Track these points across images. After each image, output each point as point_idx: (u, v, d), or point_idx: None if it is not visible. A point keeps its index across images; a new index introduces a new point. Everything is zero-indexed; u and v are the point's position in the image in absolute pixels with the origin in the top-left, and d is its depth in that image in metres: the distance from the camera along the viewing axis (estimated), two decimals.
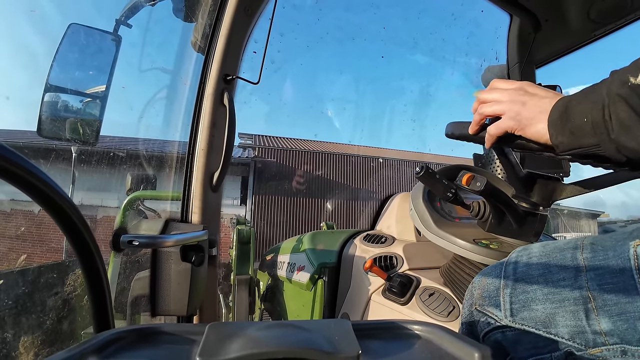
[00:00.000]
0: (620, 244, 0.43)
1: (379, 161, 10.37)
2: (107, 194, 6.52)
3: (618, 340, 0.40)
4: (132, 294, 0.85)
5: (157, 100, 1.33)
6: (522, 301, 0.49)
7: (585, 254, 0.46)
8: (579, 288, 0.44)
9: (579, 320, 0.43)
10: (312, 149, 10.05)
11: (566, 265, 0.47)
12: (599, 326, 0.42)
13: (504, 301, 0.51)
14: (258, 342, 0.30)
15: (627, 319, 0.40)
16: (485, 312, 0.54)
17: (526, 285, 0.50)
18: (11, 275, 3.03)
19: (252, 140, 10.22)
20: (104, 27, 0.92)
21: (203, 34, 0.94)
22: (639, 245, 0.40)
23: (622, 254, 0.42)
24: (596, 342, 0.42)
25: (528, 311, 0.48)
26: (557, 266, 0.48)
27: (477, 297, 0.56)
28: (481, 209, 0.79)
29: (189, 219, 0.88)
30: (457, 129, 0.72)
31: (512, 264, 0.54)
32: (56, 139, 0.86)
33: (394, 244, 1.13)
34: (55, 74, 0.83)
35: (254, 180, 8.91)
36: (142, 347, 0.33)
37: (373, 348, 0.33)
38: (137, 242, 0.67)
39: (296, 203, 9.29)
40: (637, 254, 0.40)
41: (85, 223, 0.36)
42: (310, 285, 1.23)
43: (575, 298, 0.44)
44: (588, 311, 0.43)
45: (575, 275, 0.45)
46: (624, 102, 0.42)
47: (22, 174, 0.29)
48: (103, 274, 0.39)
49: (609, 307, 0.41)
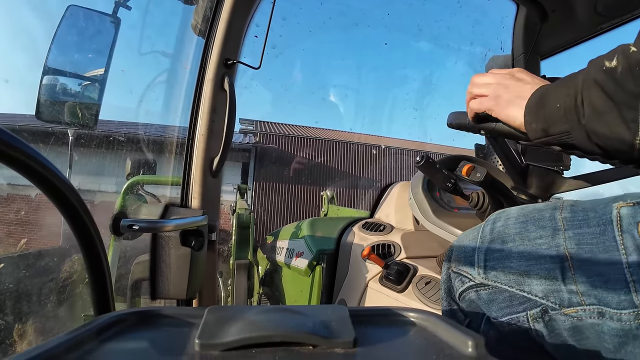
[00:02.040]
0: (602, 206, 0.42)
1: (381, 148, 10.31)
2: (105, 178, 6.50)
3: (595, 301, 0.39)
4: (132, 278, 0.86)
5: (156, 84, 1.32)
6: (496, 259, 0.48)
7: (565, 214, 0.45)
8: (556, 247, 0.43)
9: (554, 279, 0.42)
10: (313, 136, 9.98)
11: (544, 224, 0.46)
12: (575, 285, 0.41)
13: (478, 259, 0.50)
14: (256, 326, 0.30)
15: (606, 280, 0.38)
16: (460, 272, 0.53)
17: (501, 244, 0.48)
18: (13, 260, 3.06)
19: (253, 125, 10.12)
20: (102, 9, 0.90)
21: (204, 17, 0.93)
22: (622, 207, 0.39)
23: (603, 215, 0.41)
24: (571, 301, 0.41)
25: (502, 269, 0.47)
26: (534, 225, 0.47)
27: (453, 259, 0.56)
28: (480, 200, 0.80)
29: (189, 204, 0.88)
30: (459, 119, 0.72)
31: (489, 224, 0.52)
32: (55, 122, 0.86)
33: (392, 233, 1.14)
34: (54, 56, 0.82)
35: (254, 167, 8.87)
36: (142, 330, 0.33)
37: (368, 334, 0.33)
38: (137, 227, 0.68)
39: (297, 190, 9.27)
40: (620, 215, 0.39)
41: (86, 207, 0.36)
42: (308, 271, 1.24)
43: (552, 256, 0.43)
44: (564, 270, 0.42)
45: (553, 234, 0.44)
46: (599, 87, 0.41)
47: (23, 158, 0.29)
48: (103, 258, 0.39)
49: (587, 267, 0.40)
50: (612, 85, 0.40)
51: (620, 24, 1.16)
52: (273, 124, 10.97)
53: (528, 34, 1.34)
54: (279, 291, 1.56)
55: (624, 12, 1.13)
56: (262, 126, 10.34)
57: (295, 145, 9.57)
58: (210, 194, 0.90)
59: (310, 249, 1.26)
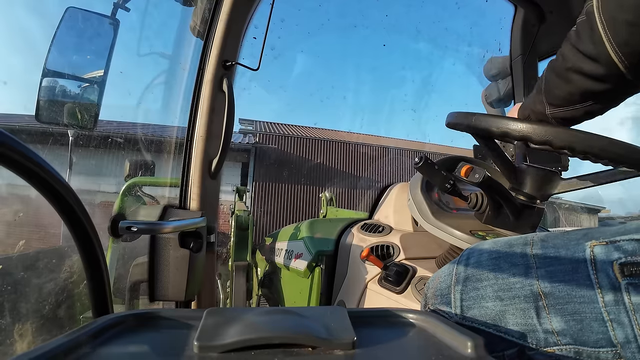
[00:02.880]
0: (574, 243, 0.43)
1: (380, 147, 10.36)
2: (106, 178, 6.51)
3: (571, 340, 0.39)
4: (131, 280, 0.86)
5: (155, 85, 1.32)
6: (472, 298, 0.48)
7: (536, 250, 0.46)
8: (530, 285, 0.43)
9: (530, 318, 0.42)
10: (313, 136, 9.98)
11: (516, 261, 0.46)
12: (550, 325, 0.41)
13: (454, 299, 0.50)
14: (255, 327, 0.30)
15: (581, 319, 0.39)
16: (437, 310, 0.53)
17: (476, 282, 0.49)
18: (11, 261, 3.05)
19: (252, 126, 10.13)
20: (101, 11, 0.90)
21: (202, 19, 0.93)
22: (596, 246, 0.40)
23: (575, 253, 0.41)
24: (547, 341, 0.41)
25: (478, 309, 0.47)
26: (507, 262, 0.47)
27: (430, 297, 0.56)
28: (479, 201, 0.80)
29: (188, 205, 0.88)
30: (457, 119, 0.72)
31: (463, 261, 0.53)
32: (54, 124, 0.86)
33: (391, 234, 1.14)
34: (53, 58, 0.82)
35: (254, 167, 8.89)
36: (140, 332, 0.33)
37: (368, 335, 0.33)
38: (136, 228, 0.68)
39: (296, 190, 9.29)
40: (594, 254, 0.40)
41: (84, 208, 0.36)
42: (307, 272, 1.24)
43: (526, 295, 0.43)
44: (539, 309, 0.42)
45: (526, 271, 0.45)
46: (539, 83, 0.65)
47: (20, 159, 0.29)
48: (102, 259, 0.39)
49: (562, 306, 0.40)
50: (537, 83, 0.65)
51: None
52: (272, 124, 10.96)
53: (526, 35, 1.34)
54: (277, 293, 1.56)
55: None
56: (262, 126, 10.34)
57: (294, 145, 9.55)
58: (209, 195, 0.90)
59: (309, 250, 1.26)
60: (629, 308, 0.36)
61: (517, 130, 0.62)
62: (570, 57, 0.56)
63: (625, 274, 0.37)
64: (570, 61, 0.56)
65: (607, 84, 0.55)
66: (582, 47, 0.54)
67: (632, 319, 0.36)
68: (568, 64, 0.57)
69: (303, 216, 8.66)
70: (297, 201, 9.25)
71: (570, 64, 0.56)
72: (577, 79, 0.56)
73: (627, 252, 0.38)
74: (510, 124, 0.63)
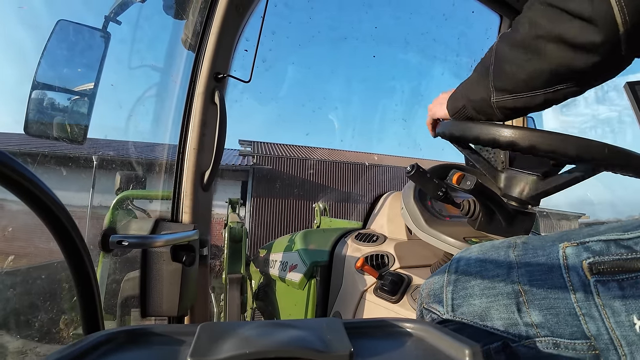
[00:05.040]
0: (549, 244, 0.46)
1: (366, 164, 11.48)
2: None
3: (549, 332, 0.42)
4: (122, 295, 0.84)
5: (146, 98, 1.32)
6: (462, 297, 0.52)
7: (517, 252, 0.49)
8: (512, 283, 0.47)
9: (512, 313, 0.45)
10: (307, 157, 11.13)
11: (500, 262, 0.50)
12: (530, 318, 0.44)
13: (446, 297, 0.53)
14: (250, 341, 0.29)
15: (557, 313, 0.42)
16: (431, 309, 0.56)
17: (465, 282, 0.52)
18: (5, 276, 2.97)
19: (251, 146, 11.11)
20: (92, 24, 0.90)
21: (194, 32, 0.93)
22: (567, 247, 0.43)
23: (550, 254, 0.45)
24: (528, 333, 0.44)
25: (467, 306, 0.50)
26: (492, 263, 0.51)
27: (424, 297, 0.58)
28: (471, 208, 0.80)
29: (180, 218, 0.87)
30: (447, 129, 0.73)
31: (454, 263, 0.56)
32: (43, 137, 0.85)
33: (385, 243, 1.14)
34: (43, 71, 0.81)
35: (252, 185, 9.94)
36: (132, 349, 0.32)
37: (365, 346, 0.33)
38: (127, 242, 0.66)
39: (292, 205, 10.26)
40: (565, 254, 0.43)
41: (74, 223, 0.35)
42: (302, 284, 1.23)
43: (508, 292, 0.46)
44: (520, 304, 0.45)
45: (508, 271, 0.48)
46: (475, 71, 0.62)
47: (8, 172, 0.28)
48: (92, 275, 0.38)
49: (539, 301, 0.44)
50: (479, 65, 0.60)
51: None
52: (269, 144, 12.04)
53: None
54: (272, 305, 1.54)
55: None
56: (259, 147, 11.35)
57: (289, 165, 10.65)
58: (201, 208, 0.90)
59: (304, 261, 1.25)
60: (598, 303, 0.39)
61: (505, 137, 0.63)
62: (545, 21, 0.46)
63: (593, 272, 0.40)
64: (545, 26, 0.46)
65: (595, 56, 0.45)
66: (568, 5, 0.43)
67: (602, 313, 0.39)
68: (541, 30, 0.46)
69: (298, 227, 8.90)
70: (293, 214, 10.22)
71: (546, 30, 0.46)
72: (553, 51, 0.47)
73: (595, 252, 0.41)
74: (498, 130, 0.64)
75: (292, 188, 10.33)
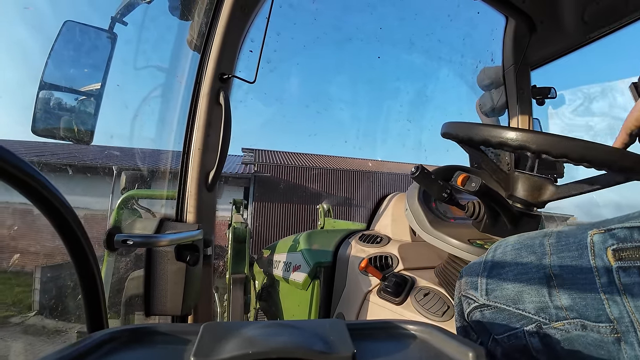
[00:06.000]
0: (581, 232, 0.48)
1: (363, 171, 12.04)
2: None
3: (577, 315, 0.45)
4: (126, 294, 0.84)
5: (152, 98, 1.32)
6: (496, 282, 0.55)
7: (551, 240, 0.51)
8: (544, 269, 0.49)
9: (543, 297, 0.48)
10: (307, 165, 11.92)
11: (535, 250, 0.52)
12: (560, 302, 0.47)
13: (481, 283, 0.57)
14: (252, 342, 0.29)
15: (584, 297, 0.44)
16: (467, 295, 0.60)
17: (500, 269, 0.55)
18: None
19: (253, 154, 11.92)
20: (99, 25, 0.91)
21: (199, 33, 0.94)
22: (595, 234, 0.45)
23: (580, 241, 0.47)
24: (558, 316, 0.47)
25: (500, 290, 0.54)
26: (527, 250, 0.53)
27: (462, 284, 0.62)
28: (476, 210, 0.80)
29: (184, 218, 0.88)
30: (452, 129, 0.72)
31: (491, 252, 0.59)
32: (50, 137, 0.85)
33: (389, 244, 1.13)
34: (50, 71, 0.82)
35: (254, 191, 10.84)
36: (136, 347, 0.33)
37: (368, 348, 0.33)
38: (132, 242, 0.67)
39: (289, 209, 11.12)
40: (593, 241, 0.45)
41: (79, 222, 0.35)
42: (305, 284, 1.23)
43: (540, 278, 0.49)
44: (551, 288, 0.48)
45: (541, 257, 0.51)
46: None
47: (15, 172, 0.29)
48: (97, 273, 0.38)
49: (569, 286, 0.46)
50: None
51: (609, 33, 1.19)
52: (272, 152, 12.86)
53: (517, 46, 1.37)
54: (276, 306, 1.54)
55: (611, 21, 1.15)
56: (260, 155, 12.16)
57: (288, 173, 11.46)
58: (205, 207, 0.90)
59: (308, 262, 1.25)
60: (619, 289, 0.41)
61: (515, 140, 0.62)
62: None
63: (616, 258, 0.42)
64: None
65: None
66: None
67: (623, 298, 0.41)
68: None
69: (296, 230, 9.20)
70: (290, 218, 11.08)
71: None
72: None
73: (619, 239, 0.43)
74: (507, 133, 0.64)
75: (290, 194, 11.13)
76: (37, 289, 5.73)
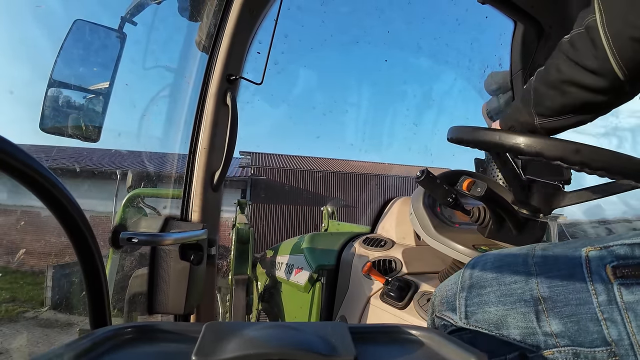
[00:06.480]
0: (571, 250, 0.45)
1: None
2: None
3: (569, 342, 0.41)
4: (130, 292, 0.85)
5: (160, 98, 1.33)
6: (476, 304, 0.50)
7: (536, 259, 0.48)
8: (530, 290, 0.46)
9: (530, 322, 0.44)
10: (303, 168, 12.06)
11: (518, 269, 0.49)
12: (549, 327, 0.43)
13: (459, 305, 0.52)
14: (254, 342, 0.29)
15: (578, 320, 0.41)
16: (443, 317, 0.55)
17: (480, 289, 0.51)
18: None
19: (250, 157, 12.12)
20: (109, 24, 0.92)
21: (208, 34, 0.95)
22: (591, 251, 0.43)
23: (573, 259, 0.44)
24: (547, 343, 0.43)
25: (482, 313, 0.49)
26: (509, 270, 0.50)
27: (437, 305, 0.57)
28: (481, 215, 0.79)
29: (189, 217, 0.88)
30: (459, 134, 0.72)
31: (468, 270, 0.55)
32: (58, 134, 0.86)
33: (393, 248, 1.13)
34: (59, 69, 0.83)
35: (250, 193, 11.01)
36: (138, 345, 0.33)
37: (370, 352, 0.32)
38: (137, 240, 0.67)
39: (286, 211, 11.29)
40: (589, 258, 0.43)
41: (85, 219, 0.36)
42: (308, 286, 1.23)
43: (526, 300, 0.45)
44: (538, 313, 0.44)
45: (526, 278, 0.47)
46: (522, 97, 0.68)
47: (20, 166, 0.29)
48: (102, 270, 0.39)
49: (559, 309, 0.43)
50: (524, 93, 0.67)
51: None
52: (268, 155, 13.01)
53: (526, 50, 1.36)
54: (278, 307, 1.54)
55: None
56: (258, 158, 12.35)
57: (283, 176, 11.63)
58: (210, 207, 0.90)
59: (310, 264, 1.25)
60: (621, 307, 0.39)
61: (532, 146, 0.61)
62: (566, 70, 0.57)
63: (617, 276, 0.40)
64: (567, 74, 0.58)
65: (605, 96, 0.56)
66: (581, 60, 0.55)
67: (624, 316, 0.38)
68: (564, 76, 0.58)
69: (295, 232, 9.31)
70: (287, 220, 11.28)
71: (567, 77, 0.58)
72: (574, 91, 0.58)
73: (619, 256, 0.40)
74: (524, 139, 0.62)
75: (287, 197, 11.29)
76: (49, 286, 5.88)
